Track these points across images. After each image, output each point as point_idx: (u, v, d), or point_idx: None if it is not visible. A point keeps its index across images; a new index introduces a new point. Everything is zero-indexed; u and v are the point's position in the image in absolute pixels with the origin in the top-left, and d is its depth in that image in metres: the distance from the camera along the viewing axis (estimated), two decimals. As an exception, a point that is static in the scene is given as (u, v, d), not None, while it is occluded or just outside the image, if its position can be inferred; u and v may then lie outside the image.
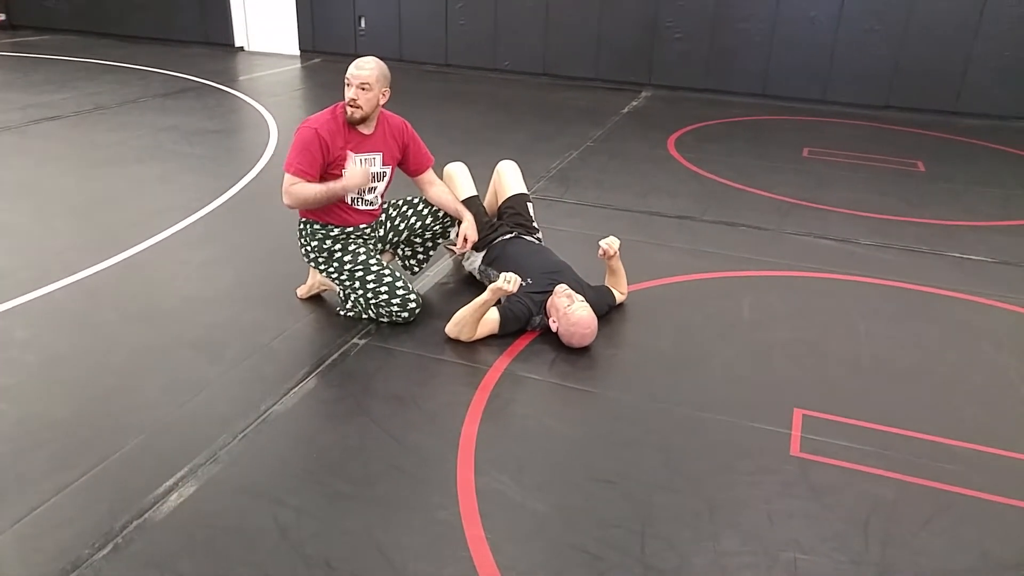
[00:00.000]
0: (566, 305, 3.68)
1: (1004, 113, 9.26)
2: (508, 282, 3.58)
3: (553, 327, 3.75)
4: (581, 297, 3.76)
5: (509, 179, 4.47)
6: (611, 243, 3.98)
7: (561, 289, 3.77)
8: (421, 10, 11.14)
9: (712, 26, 9.93)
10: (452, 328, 3.74)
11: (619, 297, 4.13)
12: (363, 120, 3.76)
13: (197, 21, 12.50)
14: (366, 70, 3.69)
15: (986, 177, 6.98)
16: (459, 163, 4.45)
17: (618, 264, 4.10)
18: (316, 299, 4.17)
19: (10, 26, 13.67)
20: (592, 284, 4.05)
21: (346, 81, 3.71)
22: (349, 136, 3.78)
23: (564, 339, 3.71)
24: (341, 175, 3.74)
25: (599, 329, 3.75)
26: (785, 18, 9.63)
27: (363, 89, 3.67)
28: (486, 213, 4.38)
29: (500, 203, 4.45)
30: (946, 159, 7.56)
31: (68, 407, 3.21)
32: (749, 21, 9.77)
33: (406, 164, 4.07)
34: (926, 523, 2.70)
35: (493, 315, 3.76)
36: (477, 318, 3.69)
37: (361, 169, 3.76)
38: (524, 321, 3.80)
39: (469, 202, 4.25)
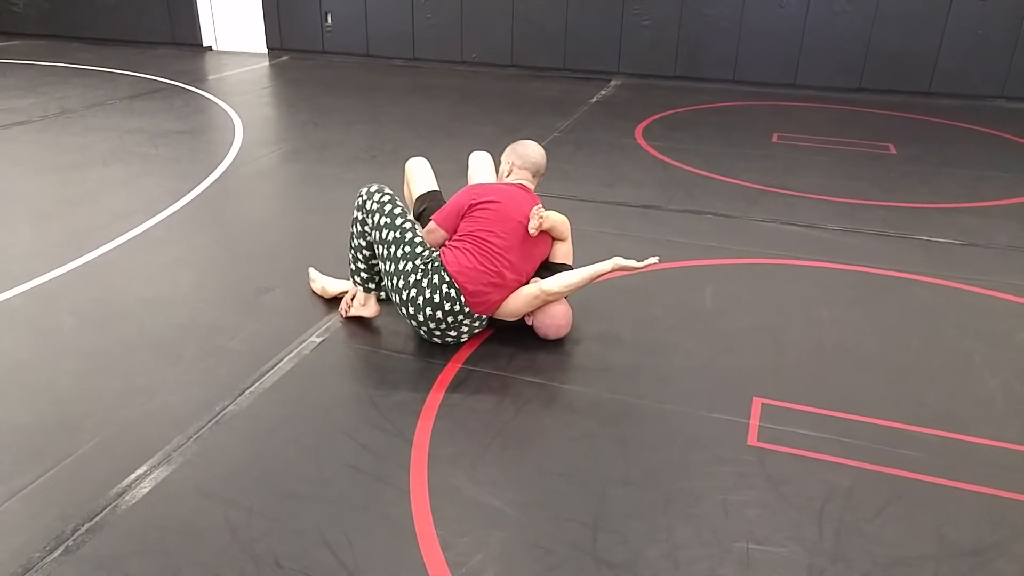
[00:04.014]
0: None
1: (978, 93, 9.28)
2: (641, 262, 3.52)
3: (528, 321, 3.74)
4: None
5: (481, 172, 4.42)
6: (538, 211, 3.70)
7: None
8: (387, 5, 11.08)
9: (680, 13, 9.91)
10: (555, 290, 3.61)
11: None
12: None
13: (165, 22, 12.40)
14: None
15: (958, 158, 6.98)
16: (419, 158, 4.39)
17: (551, 223, 3.74)
18: (277, 300, 4.13)
19: (-22, 31, 13.55)
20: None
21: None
22: None
23: (540, 332, 3.71)
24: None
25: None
26: (754, 2, 9.61)
27: None
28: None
29: None
30: (918, 141, 7.57)
31: (23, 413, 3.17)
32: (717, 7, 9.74)
33: None
34: (881, 510, 2.68)
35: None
36: (584, 284, 3.63)
37: None
38: None
39: (431, 196, 4.20)
